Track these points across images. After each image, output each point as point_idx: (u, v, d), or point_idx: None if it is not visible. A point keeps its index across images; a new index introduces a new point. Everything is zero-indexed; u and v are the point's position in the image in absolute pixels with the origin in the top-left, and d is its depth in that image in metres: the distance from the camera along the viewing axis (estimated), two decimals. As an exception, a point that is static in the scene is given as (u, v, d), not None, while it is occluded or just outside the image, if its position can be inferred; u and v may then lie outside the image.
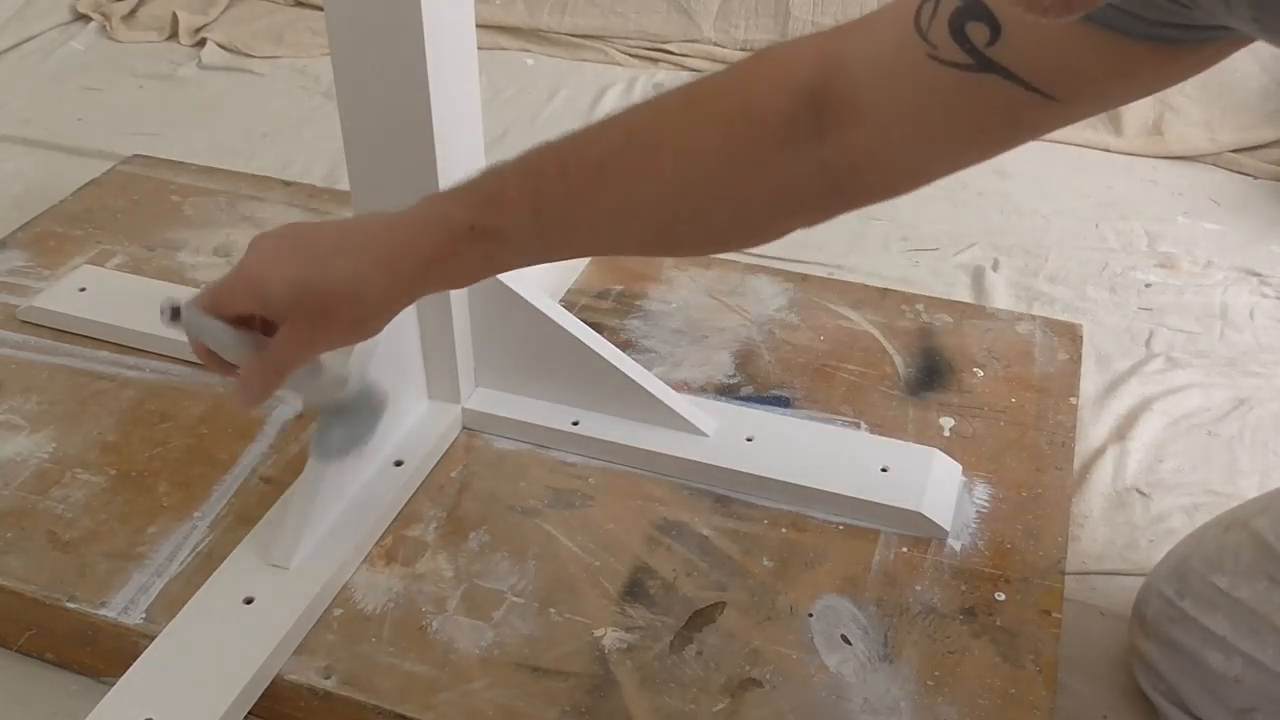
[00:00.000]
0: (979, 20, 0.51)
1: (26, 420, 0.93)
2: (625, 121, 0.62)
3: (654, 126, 0.61)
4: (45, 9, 1.79)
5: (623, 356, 0.89)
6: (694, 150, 0.60)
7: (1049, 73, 0.52)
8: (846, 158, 0.58)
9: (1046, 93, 0.52)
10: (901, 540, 0.82)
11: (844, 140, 0.57)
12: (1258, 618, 0.67)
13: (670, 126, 0.61)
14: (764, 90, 0.59)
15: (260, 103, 1.58)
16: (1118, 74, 0.51)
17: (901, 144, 0.57)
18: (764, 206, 0.61)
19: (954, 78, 0.53)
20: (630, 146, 0.61)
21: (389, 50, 0.74)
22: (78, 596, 0.78)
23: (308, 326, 0.65)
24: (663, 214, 0.62)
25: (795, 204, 0.61)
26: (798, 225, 0.63)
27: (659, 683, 0.73)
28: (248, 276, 0.65)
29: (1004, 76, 0.52)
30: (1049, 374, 0.98)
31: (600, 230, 0.64)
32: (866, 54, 0.57)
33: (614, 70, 1.64)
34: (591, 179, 0.61)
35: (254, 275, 0.64)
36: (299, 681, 0.73)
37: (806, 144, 0.58)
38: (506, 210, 0.63)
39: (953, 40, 0.52)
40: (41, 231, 1.17)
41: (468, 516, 0.85)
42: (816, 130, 0.57)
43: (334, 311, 0.64)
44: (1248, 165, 1.41)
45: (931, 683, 0.73)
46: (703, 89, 0.61)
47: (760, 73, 0.60)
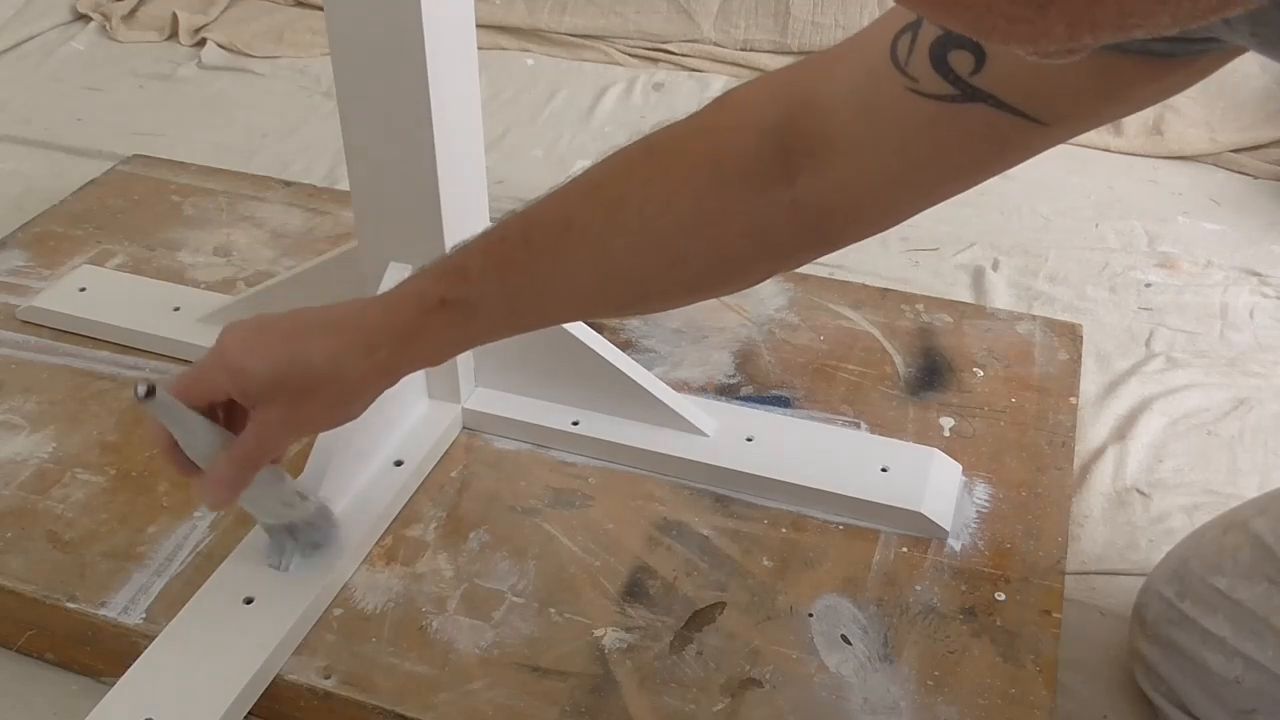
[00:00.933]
0: (961, 48, 0.49)
1: (26, 420, 0.93)
2: (586, 181, 0.61)
3: (616, 182, 0.60)
4: (45, 9, 1.79)
5: (623, 356, 0.89)
6: (659, 202, 0.59)
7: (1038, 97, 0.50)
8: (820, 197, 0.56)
9: (1035, 117, 0.50)
10: (901, 540, 0.82)
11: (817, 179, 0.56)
12: (1258, 619, 0.67)
13: (633, 180, 0.60)
14: (728, 135, 0.58)
15: (260, 103, 1.58)
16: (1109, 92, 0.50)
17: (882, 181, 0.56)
18: (737, 253, 0.60)
19: (938, 110, 0.51)
20: (593, 204, 0.60)
21: (389, 50, 0.74)
22: (78, 596, 0.78)
23: (288, 407, 0.63)
24: (633, 270, 0.61)
25: (769, 248, 0.60)
26: (775, 270, 0.62)
27: (659, 683, 0.73)
28: (224, 357, 0.63)
29: (991, 104, 0.50)
30: (1049, 374, 0.98)
31: (570, 292, 0.63)
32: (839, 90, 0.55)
33: (614, 70, 1.64)
34: (555, 240, 0.60)
35: (231, 356, 0.63)
36: (299, 681, 0.73)
37: (775, 185, 0.56)
38: (473, 280, 0.62)
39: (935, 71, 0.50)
40: (41, 231, 1.17)
41: (468, 516, 0.85)
42: (785, 171, 0.56)
43: (315, 391, 0.63)
44: (1248, 165, 1.41)
45: (931, 683, 0.73)
46: (663, 139, 0.60)
47: (722, 118, 0.59)
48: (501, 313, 0.63)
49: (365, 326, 0.63)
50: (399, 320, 0.63)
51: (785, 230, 0.58)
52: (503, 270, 0.62)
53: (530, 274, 0.61)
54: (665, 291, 0.64)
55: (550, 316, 0.67)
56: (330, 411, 0.66)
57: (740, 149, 0.57)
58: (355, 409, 0.66)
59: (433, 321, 0.63)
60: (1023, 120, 0.51)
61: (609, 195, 0.60)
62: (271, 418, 0.63)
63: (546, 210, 0.61)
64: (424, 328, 0.63)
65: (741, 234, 0.59)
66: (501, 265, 0.62)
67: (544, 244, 0.61)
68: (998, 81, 0.50)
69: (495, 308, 0.63)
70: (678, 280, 0.62)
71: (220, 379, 0.63)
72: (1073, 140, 1.61)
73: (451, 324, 0.63)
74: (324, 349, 0.63)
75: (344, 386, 0.64)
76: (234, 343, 0.63)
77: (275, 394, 0.63)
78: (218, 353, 0.64)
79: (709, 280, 0.62)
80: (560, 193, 0.61)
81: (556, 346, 0.88)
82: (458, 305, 0.62)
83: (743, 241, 0.59)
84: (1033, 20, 0.25)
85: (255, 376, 0.62)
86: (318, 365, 0.62)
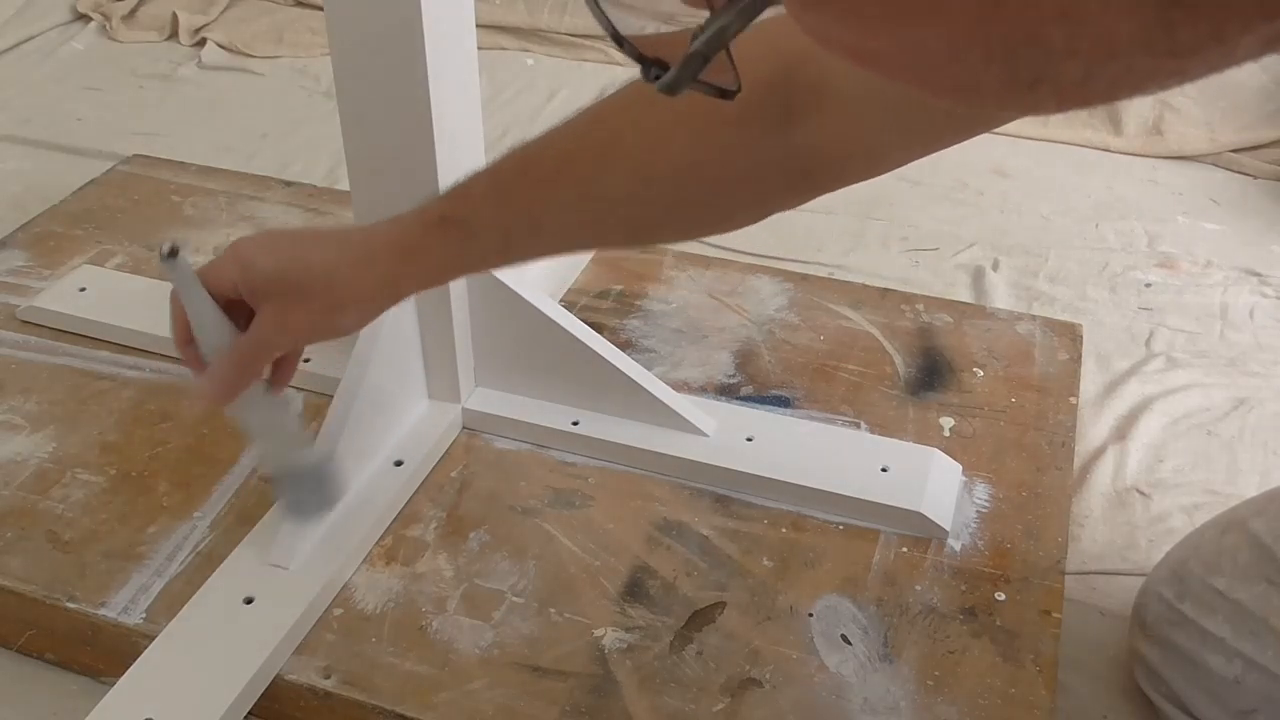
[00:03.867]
0: None
1: (26, 420, 0.93)
2: (586, 119, 0.62)
3: (615, 119, 0.62)
4: (45, 9, 1.79)
5: (623, 356, 0.89)
6: (656, 143, 0.60)
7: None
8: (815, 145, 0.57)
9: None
10: (901, 540, 0.82)
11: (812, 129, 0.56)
12: (1257, 620, 0.67)
13: (631, 119, 0.61)
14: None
15: (260, 103, 1.58)
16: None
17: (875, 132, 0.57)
18: (731, 195, 0.61)
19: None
20: (592, 139, 0.62)
21: (389, 50, 0.74)
22: (78, 596, 0.78)
23: (282, 307, 0.65)
24: (628, 204, 0.63)
25: (762, 192, 0.61)
26: (769, 212, 0.63)
27: (659, 683, 0.73)
28: (236, 251, 0.66)
29: None
30: (1049, 374, 0.98)
31: (564, 225, 0.64)
32: None
33: (614, 70, 1.64)
34: (555, 170, 0.62)
35: (242, 250, 0.66)
36: (299, 681, 0.73)
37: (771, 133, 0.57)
38: (474, 202, 0.64)
39: None
40: (41, 231, 1.17)
41: (468, 516, 0.85)
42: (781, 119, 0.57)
43: (310, 294, 0.65)
44: (1248, 165, 1.41)
45: (931, 683, 0.73)
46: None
47: None
48: (497, 238, 0.65)
49: (369, 240, 0.66)
50: (400, 235, 0.65)
51: (779, 176, 0.59)
52: (501, 196, 0.63)
53: (526, 204, 0.63)
54: (656, 230, 0.66)
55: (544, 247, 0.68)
56: (321, 318, 0.67)
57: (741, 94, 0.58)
58: (345, 320, 0.67)
59: (432, 238, 0.65)
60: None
61: (607, 133, 0.62)
62: (266, 316, 0.66)
63: (548, 144, 0.63)
64: (423, 243, 0.65)
65: (735, 179, 0.60)
66: (500, 192, 0.64)
67: (540, 177, 0.63)
68: None
69: (492, 232, 0.65)
70: (669, 220, 0.64)
71: (230, 271, 0.66)
72: (1073, 140, 1.61)
73: (449, 241, 0.65)
74: (326, 255, 0.65)
75: (339, 294, 0.66)
76: (246, 242, 0.66)
77: (275, 292, 0.65)
78: (231, 248, 0.67)
79: (700, 222, 0.64)
80: (563, 127, 0.62)
81: (556, 346, 0.88)
82: (457, 224, 0.64)
83: (736, 186, 0.60)
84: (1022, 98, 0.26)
85: (260, 271, 0.65)
86: (316, 268, 0.65)
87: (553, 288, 1.06)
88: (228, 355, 0.67)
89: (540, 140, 0.63)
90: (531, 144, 0.63)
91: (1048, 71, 0.25)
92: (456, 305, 0.86)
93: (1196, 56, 0.24)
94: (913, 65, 0.27)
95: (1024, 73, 0.25)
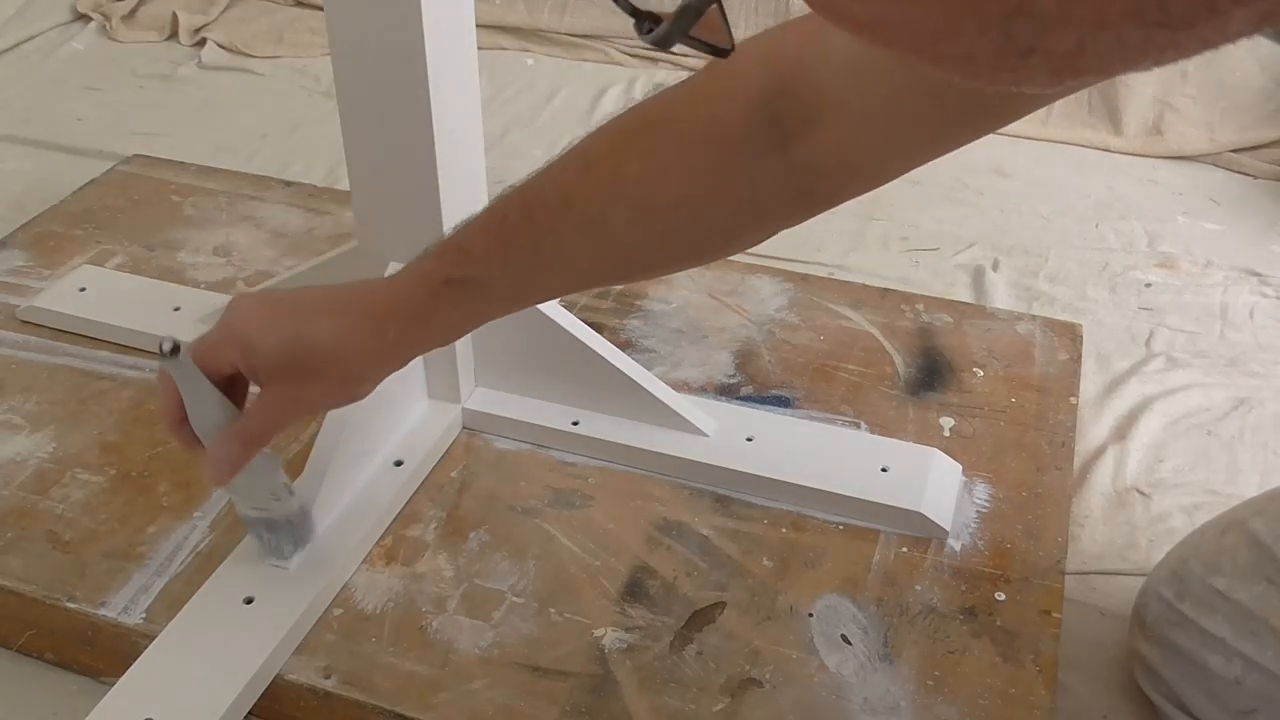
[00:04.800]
0: None
1: (26, 420, 0.93)
2: (583, 155, 0.61)
3: (612, 156, 0.61)
4: (45, 9, 1.79)
5: (623, 356, 0.89)
6: (656, 176, 0.59)
7: None
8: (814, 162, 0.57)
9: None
10: (901, 540, 0.82)
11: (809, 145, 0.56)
12: (1257, 620, 0.67)
13: (629, 154, 0.60)
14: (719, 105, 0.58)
15: (260, 103, 1.58)
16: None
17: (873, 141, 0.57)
18: (735, 219, 0.61)
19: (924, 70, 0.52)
20: (591, 180, 0.61)
21: (389, 50, 0.74)
22: (78, 596, 0.78)
23: (297, 387, 0.64)
24: (633, 242, 0.62)
25: (766, 214, 0.60)
26: (772, 231, 0.62)
27: (659, 683, 0.73)
28: (233, 332, 0.64)
29: None
30: (1049, 374, 0.98)
31: (573, 265, 0.64)
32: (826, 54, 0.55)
33: (614, 70, 1.64)
34: (556, 216, 0.61)
35: (240, 331, 0.63)
36: (299, 681, 0.73)
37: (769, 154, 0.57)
38: (477, 259, 0.63)
39: None
40: (41, 231, 1.17)
41: (468, 516, 0.85)
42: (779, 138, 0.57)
43: (323, 372, 0.64)
44: (1248, 165, 1.41)
45: (931, 683, 0.73)
46: (656, 110, 0.60)
47: (714, 87, 0.59)
48: (506, 289, 0.64)
49: (373, 308, 0.64)
50: (405, 302, 0.64)
51: (781, 196, 0.59)
52: (505, 248, 0.62)
53: (533, 251, 0.62)
54: (666, 260, 0.65)
55: (555, 290, 0.68)
56: (338, 392, 0.66)
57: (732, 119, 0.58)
58: (363, 389, 0.67)
59: (439, 302, 0.63)
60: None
61: (606, 170, 0.61)
62: (279, 397, 0.64)
63: (545, 186, 0.62)
64: (431, 309, 0.64)
65: (738, 203, 0.60)
66: (504, 243, 0.62)
67: (545, 221, 0.62)
68: None
69: (499, 285, 0.64)
70: (677, 248, 0.63)
71: (229, 354, 0.64)
72: (1073, 140, 1.61)
73: (457, 303, 0.64)
74: (333, 330, 0.63)
75: (352, 368, 0.65)
76: (243, 318, 0.64)
77: (284, 373, 0.64)
78: (226, 327, 0.64)
79: (708, 247, 0.64)
80: (558, 167, 0.62)
81: (556, 346, 0.88)
82: (462, 284, 0.63)
83: (739, 210, 0.60)
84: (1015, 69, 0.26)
85: (264, 355, 0.63)
86: (327, 346, 0.63)
87: (553, 288, 1.06)
88: (234, 436, 0.65)
89: (537, 182, 0.62)
90: (529, 187, 0.62)
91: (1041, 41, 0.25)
92: (456, 305, 0.86)
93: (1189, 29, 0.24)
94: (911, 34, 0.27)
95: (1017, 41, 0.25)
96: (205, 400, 0.65)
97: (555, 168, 0.62)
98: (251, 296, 0.66)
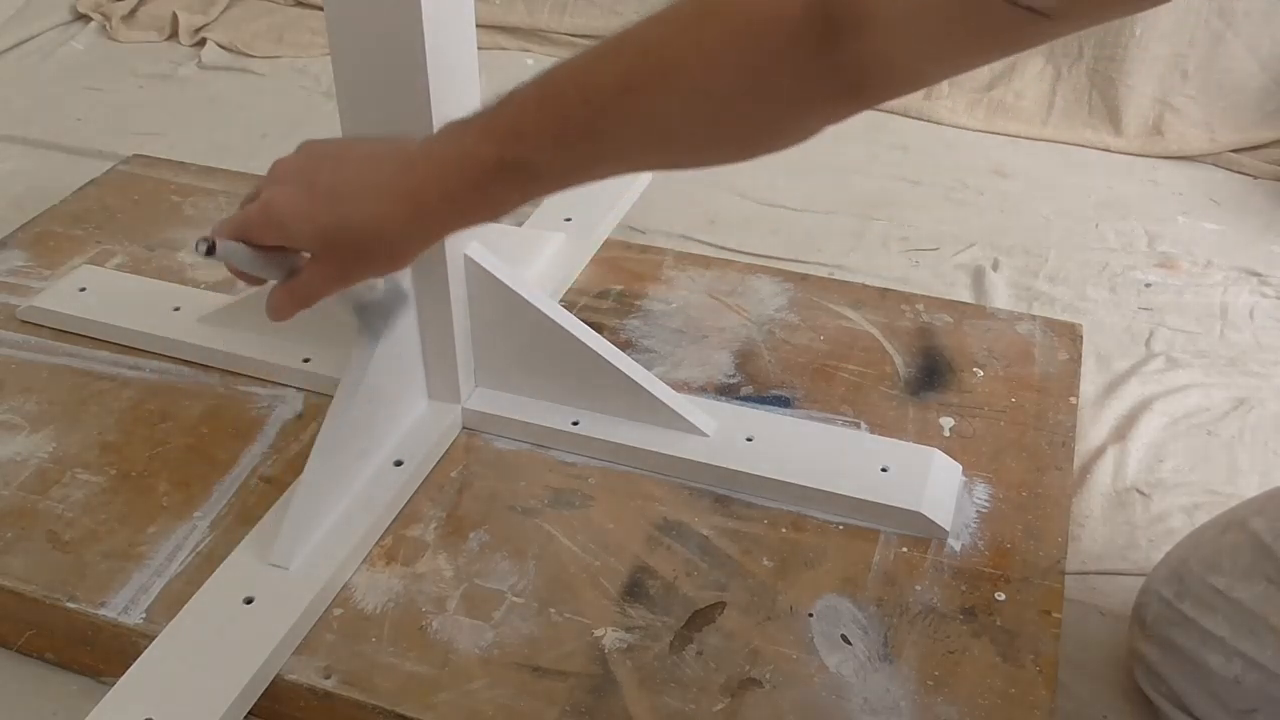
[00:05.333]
0: None
1: (26, 420, 0.93)
2: (641, 39, 0.61)
3: (671, 44, 0.61)
4: (45, 9, 1.79)
5: (623, 356, 0.89)
6: (711, 64, 0.60)
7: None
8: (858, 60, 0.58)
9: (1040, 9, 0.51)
10: (901, 540, 0.82)
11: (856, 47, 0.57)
12: (1257, 619, 0.67)
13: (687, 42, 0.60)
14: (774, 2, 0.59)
15: (260, 103, 1.58)
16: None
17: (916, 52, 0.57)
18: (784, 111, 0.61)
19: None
20: (649, 65, 0.61)
21: (389, 50, 0.74)
22: (78, 596, 0.78)
23: (338, 265, 0.66)
24: (688, 128, 0.62)
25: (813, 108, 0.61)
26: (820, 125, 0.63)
27: (659, 683, 0.73)
28: (271, 215, 0.65)
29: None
30: (1049, 374, 0.98)
31: (628, 151, 0.64)
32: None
33: (614, 70, 1.64)
34: (614, 101, 0.61)
35: (277, 215, 0.65)
36: (299, 681, 0.73)
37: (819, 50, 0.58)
38: (532, 141, 0.62)
39: None
40: (41, 231, 1.17)
41: (468, 516, 0.85)
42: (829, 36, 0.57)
43: (363, 251, 0.65)
44: (1248, 165, 1.41)
45: (931, 683, 0.73)
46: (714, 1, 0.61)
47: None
48: (559, 171, 0.64)
49: (415, 187, 0.64)
50: (452, 184, 0.64)
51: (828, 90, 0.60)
52: (563, 130, 0.62)
53: (589, 135, 0.62)
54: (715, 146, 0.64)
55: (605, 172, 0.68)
56: (382, 266, 0.68)
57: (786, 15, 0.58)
58: (404, 262, 0.68)
59: (488, 184, 0.63)
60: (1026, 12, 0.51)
61: (664, 58, 0.61)
62: (324, 271, 0.66)
63: (604, 70, 0.62)
64: (480, 191, 0.64)
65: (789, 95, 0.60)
66: (562, 125, 0.62)
67: (602, 105, 0.61)
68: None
69: (553, 167, 0.63)
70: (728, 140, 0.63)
71: (269, 233, 0.66)
72: (1073, 140, 1.61)
73: (510, 185, 0.64)
74: (369, 212, 0.64)
75: (392, 245, 0.66)
76: (280, 203, 0.65)
77: (326, 254, 0.66)
78: (265, 210, 0.65)
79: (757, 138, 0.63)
80: (615, 50, 0.62)
81: (556, 346, 0.88)
82: (516, 166, 0.63)
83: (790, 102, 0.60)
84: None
85: (303, 239, 0.65)
86: (365, 228, 0.64)
87: (553, 288, 1.06)
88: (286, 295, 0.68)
89: (595, 65, 0.62)
90: (583, 69, 0.62)
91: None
92: (456, 305, 0.86)
93: None
94: None
95: None
96: (258, 266, 0.67)
97: (613, 50, 0.62)
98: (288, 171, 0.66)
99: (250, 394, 0.96)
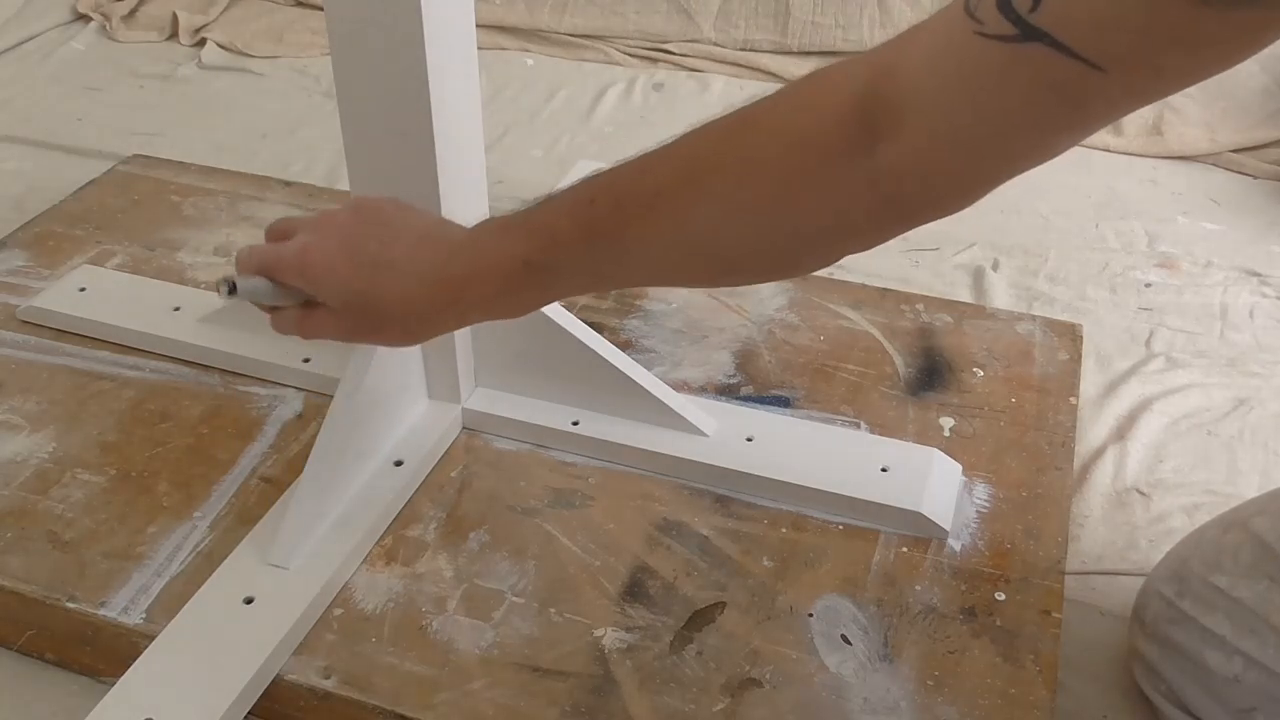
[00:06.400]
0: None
1: (26, 420, 0.93)
2: (679, 151, 0.61)
3: (708, 152, 0.61)
4: (45, 9, 1.79)
5: (623, 356, 0.89)
6: (746, 173, 0.59)
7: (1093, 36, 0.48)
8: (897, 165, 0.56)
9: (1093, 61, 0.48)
10: (901, 540, 0.82)
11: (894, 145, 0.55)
12: (1257, 618, 0.67)
13: (724, 150, 0.60)
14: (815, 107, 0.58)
15: (260, 103, 1.58)
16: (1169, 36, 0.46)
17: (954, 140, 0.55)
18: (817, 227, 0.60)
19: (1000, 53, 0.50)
20: (684, 172, 0.61)
21: (389, 50, 0.74)
22: (78, 596, 0.78)
23: (352, 326, 0.66)
24: (716, 238, 0.61)
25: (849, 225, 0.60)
26: (853, 248, 0.62)
27: (659, 683, 0.73)
28: (305, 266, 0.65)
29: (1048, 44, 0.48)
30: (1049, 374, 0.98)
31: (655, 261, 0.63)
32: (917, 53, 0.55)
33: (614, 70, 1.64)
34: (645, 209, 0.61)
35: (312, 269, 0.65)
36: (299, 681, 0.73)
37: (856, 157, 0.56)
38: (560, 245, 0.63)
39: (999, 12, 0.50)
40: (41, 231, 1.17)
41: (468, 516, 0.85)
42: (865, 140, 0.56)
43: (385, 323, 0.66)
44: (1248, 165, 1.41)
45: (931, 683, 0.73)
46: (754, 112, 0.60)
47: (811, 91, 0.59)
48: (583, 276, 0.65)
49: (449, 275, 0.65)
50: (481, 280, 0.64)
51: (864, 204, 0.58)
52: (590, 236, 0.62)
53: (618, 242, 0.62)
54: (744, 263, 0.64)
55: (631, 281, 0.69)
56: (392, 340, 0.69)
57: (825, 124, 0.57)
58: (416, 341, 0.69)
59: (515, 284, 0.64)
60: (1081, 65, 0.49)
61: (699, 165, 0.60)
62: (337, 325, 0.67)
63: (638, 178, 0.62)
64: (506, 290, 0.64)
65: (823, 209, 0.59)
66: (590, 231, 0.62)
67: (634, 212, 0.61)
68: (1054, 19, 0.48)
69: (579, 271, 0.64)
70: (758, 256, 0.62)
71: (294, 280, 0.66)
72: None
73: (534, 286, 0.64)
74: (398, 291, 0.65)
75: (410, 328, 0.67)
76: (319, 258, 0.65)
77: (348, 314, 0.66)
78: (302, 256, 0.65)
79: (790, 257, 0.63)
80: (651, 160, 0.61)
81: (556, 346, 0.88)
82: (543, 268, 0.63)
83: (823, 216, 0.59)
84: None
85: (328, 296, 0.66)
86: (393, 304, 0.65)
87: (553, 288, 1.06)
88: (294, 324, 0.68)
89: (629, 174, 0.62)
90: (619, 175, 0.62)
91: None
92: (456, 305, 0.86)
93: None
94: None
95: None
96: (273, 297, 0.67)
97: (648, 161, 0.61)
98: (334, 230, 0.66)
99: (250, 394, 0.96)
